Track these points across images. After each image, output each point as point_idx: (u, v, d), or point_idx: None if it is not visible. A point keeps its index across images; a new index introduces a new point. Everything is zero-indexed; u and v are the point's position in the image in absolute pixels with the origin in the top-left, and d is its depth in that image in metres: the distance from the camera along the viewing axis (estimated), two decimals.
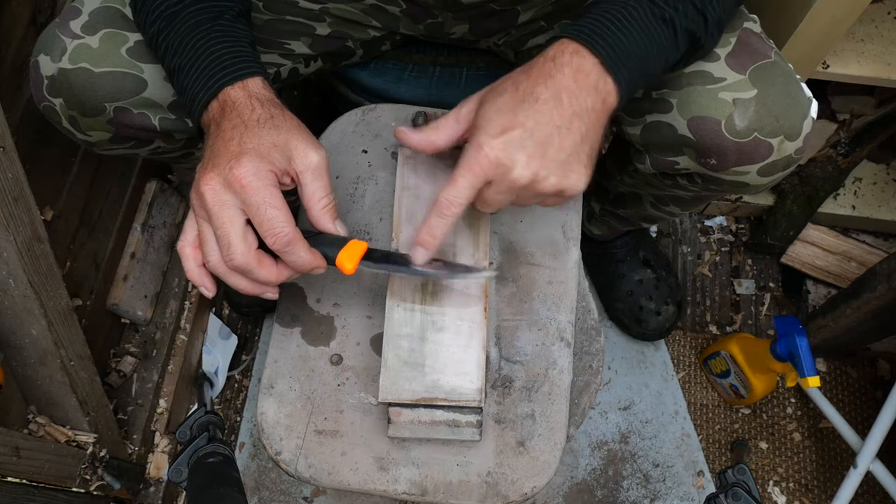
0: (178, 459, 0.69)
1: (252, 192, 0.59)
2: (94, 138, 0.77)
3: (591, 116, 0.60)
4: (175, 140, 0.81)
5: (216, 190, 0.60)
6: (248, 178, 0.59)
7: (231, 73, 0.63)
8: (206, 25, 0.65)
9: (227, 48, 0.65)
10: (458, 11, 0.83)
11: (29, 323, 0.86)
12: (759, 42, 0.71)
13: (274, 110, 0.63)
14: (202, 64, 0.64)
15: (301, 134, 0.63)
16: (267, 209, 0.59)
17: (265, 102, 0.63)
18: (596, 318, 0.89)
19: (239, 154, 0.60)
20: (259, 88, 0.64)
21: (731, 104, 0.69)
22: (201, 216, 0.62)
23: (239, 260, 0.60)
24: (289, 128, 0.63)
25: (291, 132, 0.63)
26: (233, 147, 0.60)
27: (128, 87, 0.72)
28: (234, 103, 0.62)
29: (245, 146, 0.60)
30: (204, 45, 0.64)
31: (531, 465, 0.73)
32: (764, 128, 0.69)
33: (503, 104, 0.60)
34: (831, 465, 1.31)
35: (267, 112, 0.63)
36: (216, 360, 1.33)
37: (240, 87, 0.63)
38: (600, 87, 0.60)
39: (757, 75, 0.69)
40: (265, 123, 0.62)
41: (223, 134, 0.61)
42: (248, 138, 0.61)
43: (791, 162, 0.73)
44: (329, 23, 0.85)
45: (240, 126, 0.61)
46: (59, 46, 0.71)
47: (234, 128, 0.61)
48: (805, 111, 0.71)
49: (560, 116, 0.59)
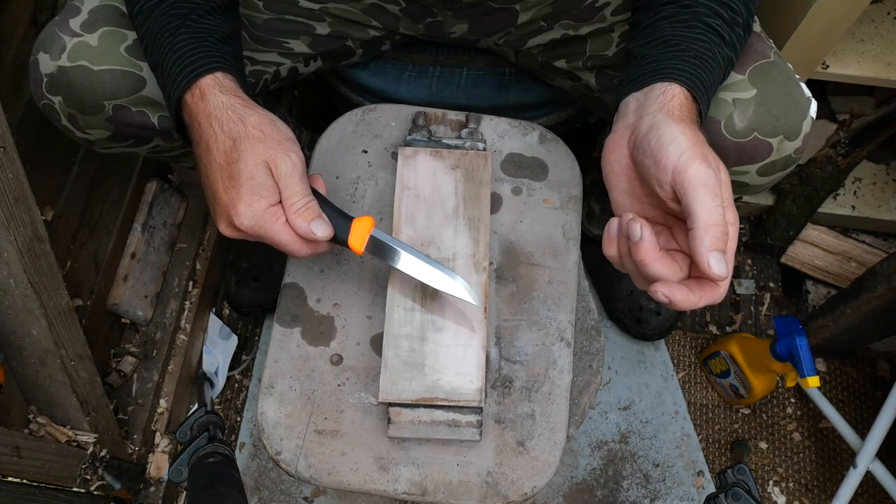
0: (178, 459, 0.69)
1: (261, 234, 0.65)
2: (93, 136, 0.77)
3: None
4: (174, 139, 0.81)
5: (238, 234, 0.66)
6: (252, 228, 0.64)
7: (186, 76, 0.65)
8: (175, 22, 0.68)
9: (194, 45, 0.67)
10: (458, 10, 0.83)
11: (29, 323, 0.86)
12: (758, 42, 0.72)
13: (232, 123, 0.64)
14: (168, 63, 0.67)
15: (266, 143, 0.64)
16: (277, 238, 0.65)
17: (221, 114, 0.64)
18: (596, 318, 0.89)
19: (233, 204, 0.63)
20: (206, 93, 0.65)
21: (730, 104, 0.69)
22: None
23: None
24: (252, 144, 0.63)
25: (256, 149, 0.63)
26: (221, 195, 0.64)
27: (127, 86, 0.73)
28: (199, 123, 0.65)
29: (231, 193, 0.63)
30: (171, 43, 0.67)
31: (531, 465, 0.73)
32: (763, 128, 0.69)
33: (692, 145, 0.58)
34: (831, 465, 1.31)
35: (226, 134, 0.64)
36: (216, 360, 1.33)
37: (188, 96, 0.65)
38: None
39: (756, 75, 0.69)
40: (231, 153, 0.63)
41: (209, 171, 0.65)
42: (229, 182, 0.64)
43: (790, 162, 0.73)
44: (329, 22, 0.85)
45: (213, 164, 0.64)
46: (59, 44, 0.71)
47: (210, 164, 0.64)
48: (804, 111, 0.71)
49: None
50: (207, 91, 0.64)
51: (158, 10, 0.68)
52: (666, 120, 0.58)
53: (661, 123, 0.57)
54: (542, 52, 0.89)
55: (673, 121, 0.58)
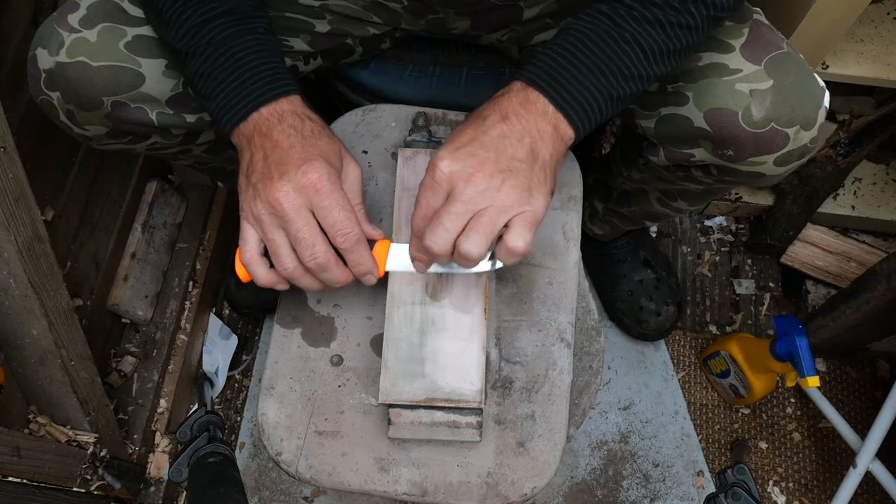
0: (178, 459, 0.69)
1: (325, 195, 0.63)
2: (90, 132, 0.77)
3: (545, 138, 0.62)
4: (172, 135, 0.81)
5: (290, 196, 0.63)
6: (323, 182, 0.63)
7: (274, 87, 0.66)
8: (243, 38, 0.67)
9: (265, 62, 0.67)
10: (460, 7, 0.83)
11: (29, 323, 0.87)
12: (770, 33, 0.72)
13: (320, 123, 0.68)
14: (242, 75, 0.66)
15: (344, 147, 0.70)
16: (340, 211, 0.63)
17: (311, 117, 0.68)
18: (596, 318, 0.89)
19: (307, 159, 0.63)
20: (302, 105, 0.68)
21: (748, 95, 0.70)
22: (273, 224, 0.64)
23: (322, 259, 0.64)
24: (337, 139, 0.69)
25: (340, 144, 0.69)
26: (295, 155, 0.64)
27: (125, 82, 0.72)
28: (282, 116, 0.66)
29: (309, 153, 0.64)
30: (244, 56, 0.66)
31: (531, 465, 0.73)
32: (781, 118, 0.70)
33: (455, 132, 0.64)
34: (831, 464, 1.31)
35: (317, 125, 0.67)
36: (216, 360, 1.33)
37: (286, 101, 0.66)
38: (549, 113, 0.62)
39: (772, 66, 0.70)
40: (319, 134, 0.67)
41: (279, 144, 0.64)
42: (309, 146, 0.65)
43: (806, 151, 0.74)
44: (329, 20, 0.85)
45: (296, 136, 0.65)
46: (57, 40, 0.71)
47: (290, 137, 0.65)
48: (819, 101, 0.72)
49: (509, 129, 0.61)
50: (295, 102, 0.68)
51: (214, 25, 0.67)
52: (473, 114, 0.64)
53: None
54: None
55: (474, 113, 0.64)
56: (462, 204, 0.60)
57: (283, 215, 0.63)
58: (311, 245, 0.63)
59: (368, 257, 0.66)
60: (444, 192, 0.61)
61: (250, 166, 0.65)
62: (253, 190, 0.65)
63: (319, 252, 0.63)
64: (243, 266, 0.68)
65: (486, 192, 0.60)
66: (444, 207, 0.61)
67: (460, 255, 0.61)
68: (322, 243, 0.64)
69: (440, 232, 0.61)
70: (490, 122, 0.62)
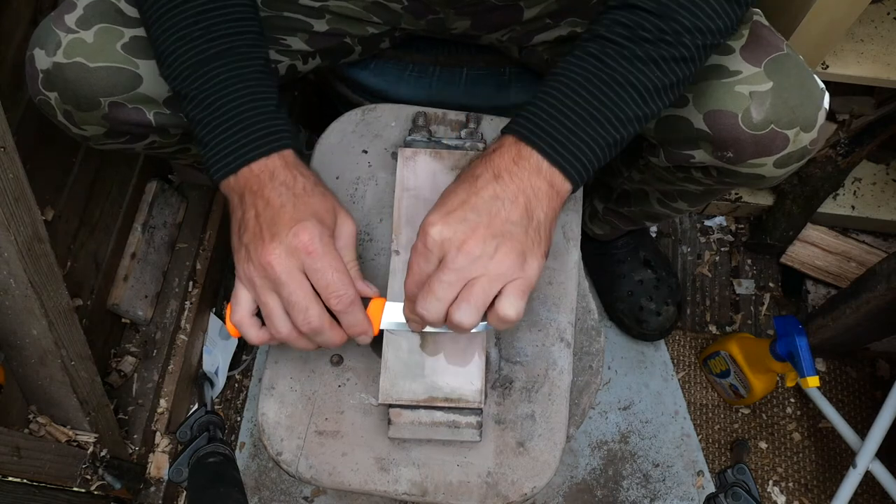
0: (178, 459, 0.69)
1: (318, 258, 0.61)
2: (88, 133, 0.77)
3: (540, 196, 0.60)
4: (170, 135, 0.81)
5: (282, 258, 0.61)
6: (315, 244, 0.61)
7: (266, 143, 0.64)
8: (237, 84, 0.65)
9: (259, 113, 0.65)
10: (460, 7, 0.83)
11: (29, 323, 0.87)
12: (770, 34, 0.72)
13: (312, 179, 0.66)
14: (234, 127, 0.64)
15: (338, 201, 0.68)
16: (333, 273, 0.62)
17: (303, 173, 0.66)
18: (596, 318, 0.89)
19: (298, 220, 0.62)
20: (294, 159, 0.66)
21: (747, 97, 0.70)
22: (265, 287, 0.63)
23: (316, 323, 0.62)
24: (330, 195, 0.67)
25: (333, 199, 0.67)
26: (287, 215, 0.62)
27: (123, 83, 0.72)
28: (273, 173, 0.64)
29: (301, 213, 0.62)
30: (237, 106, 0.64)
31: (531, 465, 0.73)
32: (780, 120, 0.70)
33: (445, 193, 0.62)
34: (831, 464, 1.32)
35: (309, 181, 0.65)
36: (216, 360, 1.33)
37: (277, 157, 0.65)
38: (543, 169, 0.60)
39: (772, 68, 0.70)
40: (312, 191, 0.65)
41: (270, 203, 0.63)
42: (301, 205, 0.63)
43: (806, 153, 0.74)
44: (328, 19, 0.85)
45: (287, 194, 0.63)
46: (54, 40, 0.71)
47: (282, 196, 0.63)
48: (819, 102, 0.72)
49: (502, 190, 0.60)
50: (288, 157, 0.66)
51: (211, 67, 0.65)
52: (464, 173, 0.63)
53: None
54: (548, 49, 0.89)
55: (465, 172, 0.63)
56: (454, 273, 0.59)
57: (275, 278, 0.61)
58: (305, 309, 0.62)
59: (363, 318, 0.65)
60: (436, 259, 0.60)
61: (242, 225, 0.64)
62: (245, 251, 0.64)
63: (313, 317, 0.62)
64: (234, 326, 0.66)
65: (479, 261, 0.58)
66: (436, 275, 0.59)
67: (452, 323, 0.60)
68: (316, 307, 0.62)
69: (432, 301, 0.59)
70: (482, 181, 0.60)
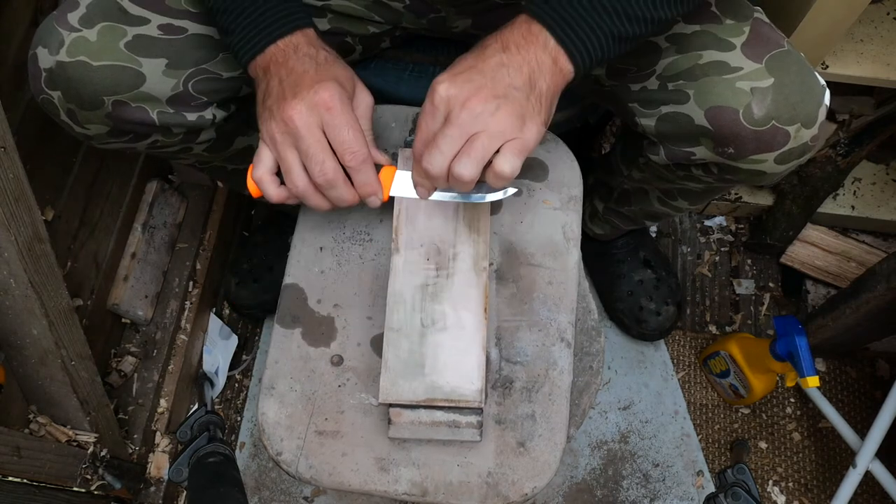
0: (178, 459, 0.69)
1: (336, 114, 0.65)
2: (91, 131, 0.77)
3: (543, 69, 0.63)
4: (173, 134, 0.81)
5: (303, 113, 0.65)
6: (334, 101, 0.65)
7: (290, 21, 0.69)
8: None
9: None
10: (462, 6, 0.83)
11: (30, 323, 0.87)
12: (770, 31, 0.72)
13: (334, 53, 0.71)
14: (258, 9, 0.68)
15: (356, 76, 0.72)
16: (349, 130, 0.66)
17: (325, 48, 0.70)
18: (596, 318, 0.89)
19: (320, 80, 0.66)
20: (316, 37, 0.70)
21: (748, 93, 0.70)
22: (286, 142, 0.67)
23: (331, 175, 0.66)
24: (350, 69, 0.71)
25: (353, 72, 0.72)
26: (309, 77, 0.66)
27: (126, 82, 0.72)
28: (297, 46, 0.68)
29: (323, 75, 0.67)
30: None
31: (531, 465, 0.73)
32: (781, 116, 0.70)
33: (456, 60, 0.66)
34: (831, 464, 1.32)
35: (331, 54, 0.70)
36: (216, 360, 1.33)
37: (301, 34, 0.69)
38: (550, 46, 0.63)
39: (773, 64, 0.70)
40: (334, 62, 0.70)
41: (294, 69, 0.67)
42: (323, 70, 0.67)
43: (806, 150, 0.74)
44: (329, 18, 0.85)
45: (310, 62, 0.68)
46: (57, 39, 0.71)
47: (305, 64, 0.67)
48: (819, 99, 0.72)
49: (509, 59, 0.63)
50: (310, 34, 0.70)
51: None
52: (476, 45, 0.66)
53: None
54: None
55: (479, 47, 0.65)
56: (457, 128, 0.62)
57: (295, 132, 0.65)
58: (321, 161, 0.65)
59: (374, 178, 0.69)
60: (442, 116, 0.63)
61: (266, 93, 0.68)
62: (268, 112, 0.67)
63: (329, 168, 0.66)
64: (254, 182, 0.70)
65: (481, 117, 0.61)
66: (441, 131, 0.62)
67: (453, 177, 0.63)
68: (331, 160, 0.66)
69: (436, 154, 0.63)
70: (491, 51, 0.63)
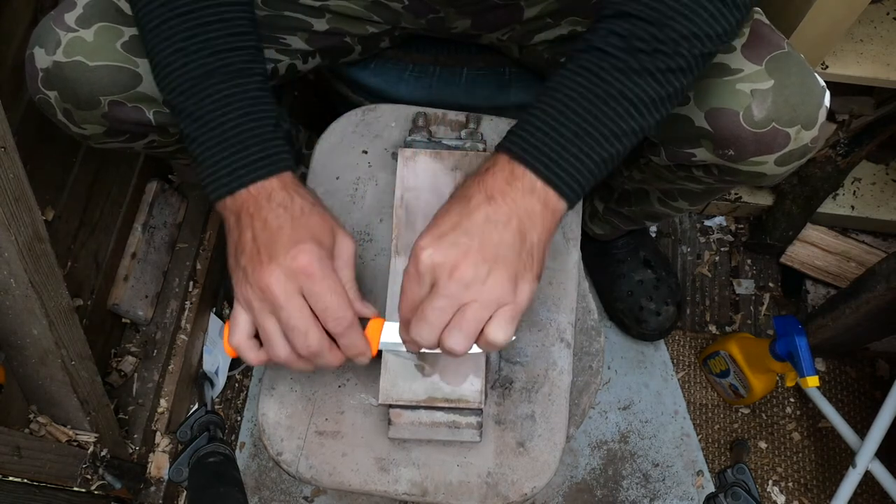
0: (178, 459, 0.69)
1: (317, 280, 0.61)
2: (88, 131, 0.77)
3: (533, 218, 0.59)
4: (170, 134, 0.81)
5: (281, 281, 0.60)
6: (314, 267, 0.60)
7: (264, 165, 0.63)
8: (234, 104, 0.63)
9: (256, 133, 0.64)
10: (461, 6, 0.83)
11: (30, 323, 0.87)
12: (770, 33, 0.72)
13: (310, 200, 0.65)
14: (231, 147, 0.63)
15: (336, 221, 0.66)
16: (331, 296, 0.61)
17: (301, 193, 0.64)
18: (596, 318, 0.89)
19: (297, 242, 0.61)
20: (292, 180, 0.65)
21: (748, 95, 0.70)
22: (263, 310, 0.62)
23: (315, 347, 0.62)
24: (328, 215, 0.66)
25: (331, 219, 0.66)
26: (285, 237, 0.61)
27: (123, 82, 0.72)
28: (271, 194, 0.63)
29: (299, 234, 0.61)
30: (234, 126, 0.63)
31: (531, 465, 0.73)
32: (781, 118, 0.70)
33: (438, 214, 0.62)
34: (830, 464, 1.32)
35: (307, 202, 0.64)
36: (217, 360, 1.33)
37: (276, 179, 0.63)
38: (537, 189, 0.59)
39: (773, 66, 0.70)
40: (310, 212, 0.64)
41: (268, 223, 0.62)
42: (299, 227, 0.62)
43: (807, 151, 0.74)
44: (328, 19, 0.85)
45: (284, 215, 0.62)
46: (54, 39, 0.71)
47: (279, 217, 0.62)
48: (820, 100, 0.72)
49: (495, 212, 0.58)
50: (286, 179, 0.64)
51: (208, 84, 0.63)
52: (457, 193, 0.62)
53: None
54: (549, 49, 0.89)
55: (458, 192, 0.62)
56: (445, 299, 0.58)
57: (273, 301, 0.60)
58: (304, 333, 0.61)
59: (361, 340, 0.64)
60: (428, 283, 0.59)
61: (239, 247, 0.63)
62: (242, 273, 0.62)
63: (312, 340, 0.61)
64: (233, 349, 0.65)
65: (471, 286, 0.57)
66: (428, 301, 0.58)
67: (445, 349, 0.59)
68: (315, 331, 0.61)
69: (424, 327, 0.59)
70: (475, 203, 0.59)
